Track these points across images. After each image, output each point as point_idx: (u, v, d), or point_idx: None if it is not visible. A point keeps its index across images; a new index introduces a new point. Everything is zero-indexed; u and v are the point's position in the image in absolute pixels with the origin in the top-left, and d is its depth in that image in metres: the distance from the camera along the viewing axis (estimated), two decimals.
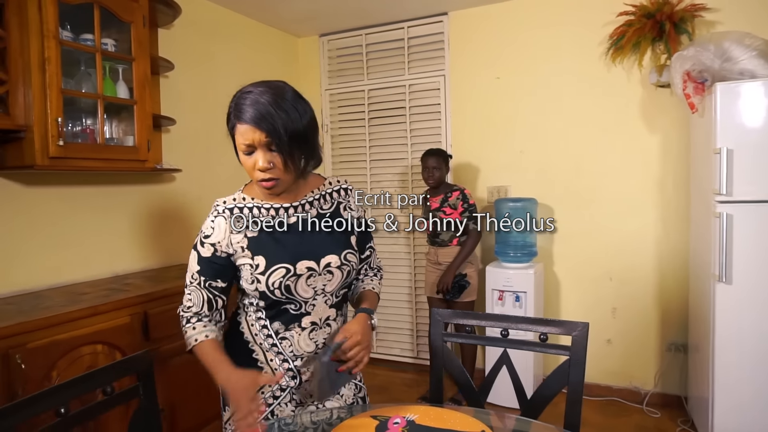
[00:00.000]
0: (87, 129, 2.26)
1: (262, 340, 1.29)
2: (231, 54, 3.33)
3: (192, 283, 1.25)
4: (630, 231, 3.07)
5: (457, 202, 2.98)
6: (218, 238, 1.23)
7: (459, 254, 2.97)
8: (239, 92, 1.16)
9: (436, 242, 3.09)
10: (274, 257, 1.22)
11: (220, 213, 1.25)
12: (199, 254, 1.24)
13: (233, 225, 1.24)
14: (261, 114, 1.11)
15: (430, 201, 3.09)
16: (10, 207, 2.18)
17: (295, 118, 1.14)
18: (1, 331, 1.68)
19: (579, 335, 1.33)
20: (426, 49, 3.58)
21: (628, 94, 3.02)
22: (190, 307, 1.25)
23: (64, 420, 0.98)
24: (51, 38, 1.99)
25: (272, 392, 1.31)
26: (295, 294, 1.24)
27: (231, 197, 1.28)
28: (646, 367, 3.08)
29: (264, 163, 1.14)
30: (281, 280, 1.21)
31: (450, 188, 3.04)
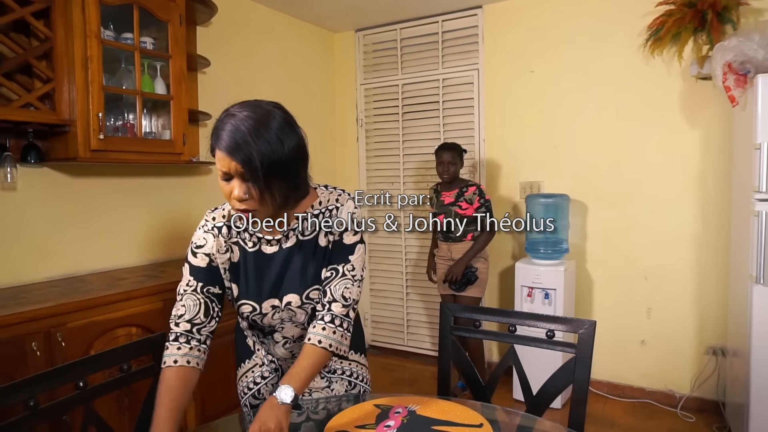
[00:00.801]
0: (127, 123, 2.39)
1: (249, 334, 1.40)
2: (268, 50, 3.42)
3: (186, 291, 1.20)
4: (667, 229, 2.97)
5: (474, 197, 2.93)
6: (210, 250, 1.22)
7: (473, 247, 2.93)
8: (224, 112, 1.09)
9: (449, 238, 3.03)
10: (245, 291, 1.24)
11: (210, 230, 1.24)
12: (191, 265, 1.22)
13: (219, 246, 1.23)
14: (237, 143, 1.02)
15: (442, 196, 3.02)
16: (57, 196, 2.33)
17: (276, 148, 1.05)
18: (44, 311, 1.82)
19: (586, 333, 1.32)
20: (460, 42, 3.56)
21: (667, 87, 2.91)
22: (182, 315, 1.18)
23: (81, 393, 1.06)
24: (93, 38, 2.11)
25: (261, 372, 1.41)
26: (262, 324, 1.29)
27: (223, 211, 1.26)
28: (683, 370, 2.97)
29: (239, 193, 1.06)
30: (249, 314, 1.26)
31: (465, 183, 2.99)
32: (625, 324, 3.11)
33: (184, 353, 1.15)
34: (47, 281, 2.28)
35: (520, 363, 1.42)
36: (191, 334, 1.17)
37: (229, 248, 1.23)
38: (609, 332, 3.16)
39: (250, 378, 1.42)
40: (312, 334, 1.18)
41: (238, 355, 1.45)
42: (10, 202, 2.18)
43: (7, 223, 2.18)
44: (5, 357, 1.69)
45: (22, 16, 1.99)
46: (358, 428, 1.18)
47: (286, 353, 1.35)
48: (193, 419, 2.29)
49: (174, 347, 1.15)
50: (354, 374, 1.45)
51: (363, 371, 1.47)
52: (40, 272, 2.29)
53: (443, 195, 3.01)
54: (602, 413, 2.95)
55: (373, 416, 1.24)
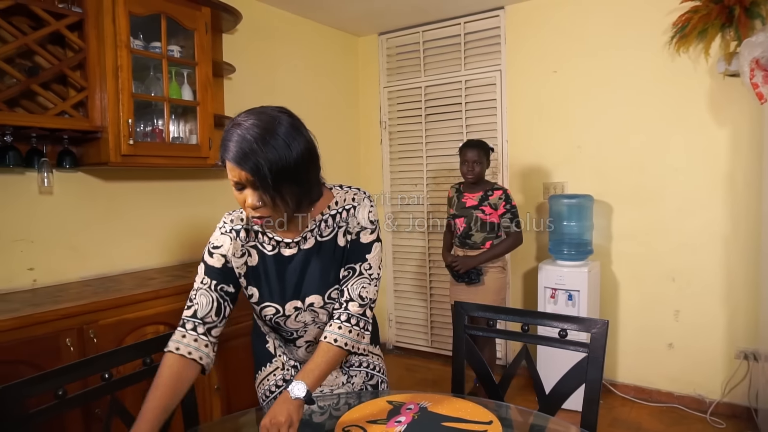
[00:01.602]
0: (156, 129, 2.48)
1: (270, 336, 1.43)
2: (292, 55, 3.49)
3: (200, 288, 1.20)
4: (695, 229, 2.90)
5: (499, 202, 2.75)
6: (226, 251, 1.24)
7: (494, 248, 2.75)
8: (231, 122, 1.09)
9: (467, 244, 2.81)
10: (266, 294, 1.24)
11: (227, 232, 1.25)
12: (206, 264, 1.23)
13: (235, 250, 1.23)
14: (244, 152, 1.03)
15: (464, 197, 2.83)
16: (90, 199, 2.44)
17: (284, 154, 1.05)
18: (78, 308, 1.91)
19: (598, 333, 1.32)
20: (482, 44, 3.56)
21: (694, 84, 2.85)
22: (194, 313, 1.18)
23: (107, 384, 1.12)
24: (123, 47, 2.20)
25: (282, 375, 1.42)
26: (284, 327, 1.30)
27: (241, 213, 1.26)
28: (712, 375, 2.90)
29: (252, 202, 1.08)
30: (271, 317, 1.27)
31: (491, 186, 2.80)
32: (651, 326, 3.06)
33: (187, 342, 1.15)
34: (82, 281, 2.39)
35: (532, 362, 1.42)
36: (197, 331, 1.17)
37: (247, 252, 1.24)
38: (635, 335, 3.11)
39: (272, 381, 1.43)
40: (328, 333, 1.20)
41: (256, 360, 1.46)
42: (48, 206, 2.30)
43: (46, 226, 2.29)
44: (41, 352, 1.78)
45: (57, 28, 2.10)
46: (369, 423, 1.21)
47: (308, 356, 1.36)
48: (218, 414, 2.36)
49: (179, 334, 1.16)
50: (371, 365, 1.48)
51: (380, 362, 1.50)
52: (76, 272, 2.40)
53: (465, 196, 2.84)
54: (628, 417, 2.91)
55: (385, 412, 1.27)
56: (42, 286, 2.27)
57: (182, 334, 1.16)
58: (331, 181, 1.31)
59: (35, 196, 2.26)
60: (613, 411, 2.98)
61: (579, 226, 3.03)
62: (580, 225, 3.03)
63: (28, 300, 2.02)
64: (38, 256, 2.27)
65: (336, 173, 3.88)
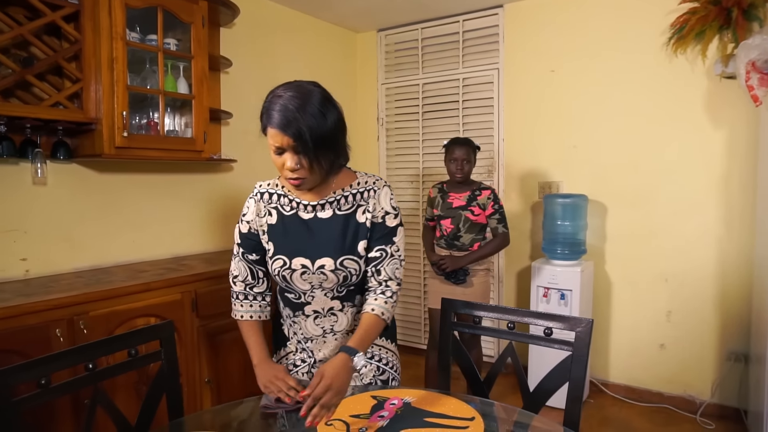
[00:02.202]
0: (151, 122, 2.48)
1: (285, 316, 1.49)
2: (290, 50, 3.49)
3: (236, 255, 1.44)
4: (689, 230, 2.91)
5: (488, 202, 2.66)
6: (251, 217, 1.41)
7: (484, 248, 2.67)
8: (271, 94, 1.24)
9: (455, 245, 2.70)
10: (279, 247, 1.37)
11: (253, 195, 1.43)
12: (239, 229, 1.43)
13: (259, 210, 1.41)
14: (288, 119, 1.18)
15: (450, 197, 2.72)
16: (85, 191, 2.45)
17: (321, 122, 1.21)
18: (69, 299, 1.91)
19: (582, 332, 1.32)
20: (480, 42, 3.56)
21: (691, 86, 2.85)
22: (237, 276, 1.43)
23: (91, 375, 1.13)
24: (119, 40, 2.20)
25: (294, 361, 1.48)
26: (292, 284, 1.38)
27: (270, 181, 1.45)
28: (703, 376, 2.91)
29: (292, 164, 1.23)
30: (279, 269, 1.37)
31: (478, 186, 2.71)
32: (644, 327, 3.07)
33: (246, 310, 1.42)
34: (75, 272, 2.39)
35: (517, 359, 1.43)
36: (248, 293, 1.43)
37: (268, 212, 1.40)
38: (627, 335, 3.12)
39: (289, 361, 1.51)
40: (375, 306, 1.33)
41: (275, 341, 1.56)
42: (42, 196, 2.30)
43: (40, 216, 2.30)
44: (31, 342, 1.79)
45: (53, 19, 2.10)
46: (352, 417, 1.22)
47: (317, 330, 1.42)
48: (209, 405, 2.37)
49: (238, 304, 1.43)
50: (383, 360, 1.49)
51: (393, 359, 1.51)
52: (69, 263, 2.41)
53: (451, 196, 2.72)
54: (618, 417, 2.92)
55: (369, 406, 1.28)
56: (34, 277, 2.27)
57: (240, 304, 1.43)
58: None
59: (29, 187, 2.26)
60: (603, 410, 2.99)
61: (573, 226, 3.04)
62: (574, 225, 3.04)
63: (20, 290, 2.03)
64: (31, 246, 2.27)
65: None
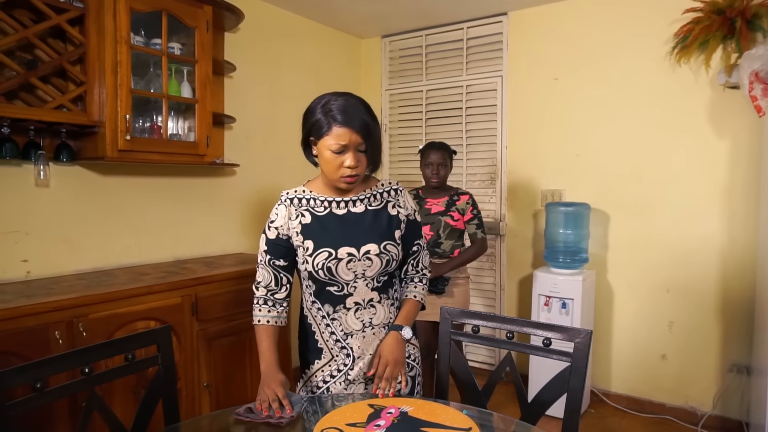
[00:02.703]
0: (155, 125, 2.49)
1: (319, 321, 1.46)
2: (295, 56, 3.50)
3: (261, 261, 1.45)
4: (692, 240, 2.89)
5: (467, 207, 2.62)
6: (280, 223, 1.43)
7: (461, 256, 2.62)
8: (327, 99, 1.35)
9: (435, 253, 2.63)
10: (321, 242, 1.40)
11: (283, 202, 1.45)
12: (266, 236, 1.44)
13: (290, 214, 1.43)
14: (361, 120, 1.31)
15: (428, 203, 2.67)
16: (88, 193, 2.45)
17: (377, 123, 1.37)
18: (68, 301, 1.91)
19: (581, 343, 1.31)
20: (484, 49, 3.56)
21: (694, 95, 2.84)
22: (260, 282, 1.45)
23: (87, 378, 1.13)
24: (123, 43, 2.22)
25: (330, 372, 1.46)
26: (336, 275, 1.40)
27: (295, 189, 1.47)
28: (705, 387, 2.89)
29: (353, 162, 1.33)
30: (324, 261, 1.38)
31: (455, 191, 2.67)
32: (645, 337, 3.05)
33: (264, 314, 1.44)
34: (77, 274, 2.40)
35: (516, 369, 1.42)
36: (268, 298, 1.45)
37: (300, 214, 1.43)
38: (629, 345, 3.10)
39: (319, 378, 1.47)
40: (416, 293, 1.53)
41: (304, 358, 1.52)
42: (44, 198, 2.31)
43: (42, 218, 2.30)
44: (30, 344, 1.79)
45: (58, 22, 2.11)
46: (348, 426, 1.21)
47: (357, 324, 1.44)
48: (207, 409, 2.36)
49: (257, 309, 1.45)
50: (411, 356, 1.53)
51: (415, 352, 1.56)
52: (71, 265, 2.41)
53: (429, 202, 2.66)
54: (619, 427, 2.90)
55: (365, 415, 1.27)
56: (36, 278, 2.28)
57: (259, 309, 1.45)
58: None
59: (32, 189, 2.27)
60: (604, 420, 2.97)
61: (575, 234, 3.03)
62: (576, 233, 3.03)
63: (21, 291, 2.03)
64: (33, 248, 2.28)
65: None
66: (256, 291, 1.46)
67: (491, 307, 3.58)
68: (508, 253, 3.51)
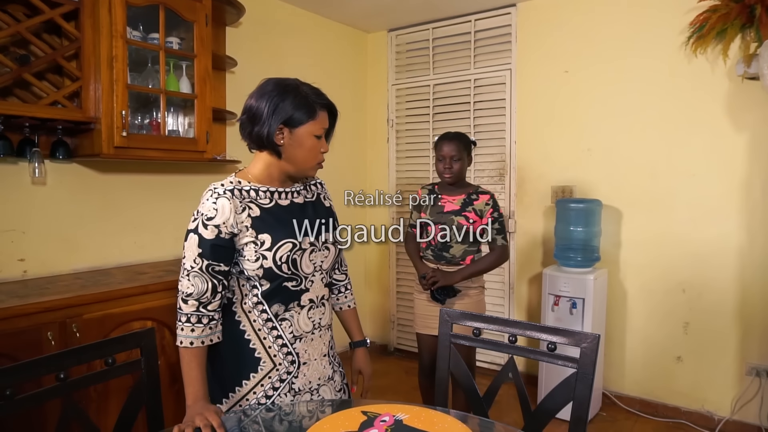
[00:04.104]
0: (153, 122, 2.44)
1: (260, 326, 1.31)
2: (298, 50, 3.43)
3: (193, 268, 1.23)
4: (708, 238, 2.78)
5: (486, 208, 2.29)
6: (223, 218, 1.25)
7: (480, 262, 2.32)
8: (295, 84, 1.30)
9: (443, 258, 2.32)
10: (280, 233, 1.30)
11: (222, 194, 1.27)
12: (201, 237, 1.23)
13: (236, 207, 1.26)
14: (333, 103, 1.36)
15: (442, 200, 2.36)
16: (85, 191, 2.41)
17: None
18: (62, 301, 1.87)
19: (588, 348, 1.23)
20: (492, 42, 3.47)
21: (711, 87, 2.73)
22: (190, 294, 1.23)
23: (63, 385, 1.07)
24: (119, 38, 2.17)
25: (272, 384, 1.33)
26: (299, 269, 1.32)
27: (227, 181, 1.32)
28: (722, 391, 2.78)
29: (327, 146, 1.35)
30: (288, 254, 1.29)
31: (474, 189, 2.35)
32: (660, 338, 2.94)
33: (197, 335, 1.24)
34: (74, 273, 2.36)
35: (519, 375, 1.34)
36: (202, 314, 1.25)
37: (247, 207, 1.29)
38: (642, 346, 3.00)
39: (260, 393, 1.32)
40: (352, 301, 1.61)
41: (237, 373, 1.32)
42: (41, 197, 2.27)
43: (39, 217, 2.27)
44: (21, 345, 1.74)
45: (52, 17, 2.07)
46: None
47: (308, 325, 1.37)
48: None
49: (189, 329, 1.24)
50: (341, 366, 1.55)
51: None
52: (68, 264, 2.37)
53: (444, 199, 2.36)
54: (632, 431, 2.80)
55: (358, 423, 1.20)
56: (32, 278, 2.24)
57: (191, 329, 1.24)
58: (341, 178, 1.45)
59: (28, 187, 2.23)
60: (616, 424, 2.88)
61: (586, 232, 2.93)
62: (587, 231, 2.93)
63: (15, 291, 2.00)
64: (29, 246, 2.25)
65: (342, 171, 3.82)
66: (184, 306, 1.24)
67: (500, 306, 3.49)
68: (517, 251, 3.42)
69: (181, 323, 1.24)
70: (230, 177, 1.34)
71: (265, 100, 1.27)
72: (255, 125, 1.29)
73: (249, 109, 1.30)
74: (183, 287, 1.24)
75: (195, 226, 1.25)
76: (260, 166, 1.34)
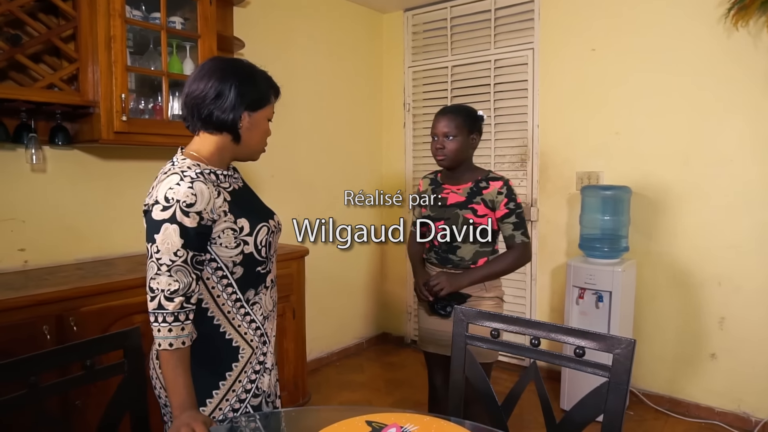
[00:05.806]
0: (156, 106, 2.34)
1: (234, 314, 1.26)
2: (310, 31, 3.30)
3: (174, 262, 1.11)
4: (746, 228, 2.59)
5: (498, 198, 1.83)
6: (203, 204, 1.16)
7: (492, 264, 1.87)
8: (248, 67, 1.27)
9: (450, 261, 1.89)
10: (254, 218, 1.27)
11: (196, 178, 1.16)
12: (182, 226, 1.12)
13: (212, 191, 1.19)
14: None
15: (445, 191, 1.92)
16: (87, 178, 2.33)
17: None
18: (58, 294, 1.79)
19: (622, 354, 1.09)
20: (514, 20, 3.28)
21: (753, 64, 2.51)
22: (176, 290, 1.11)
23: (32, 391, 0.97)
24: (117, 17, 2.05)
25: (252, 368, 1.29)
26: (270, 251, 1.31)
27: (188, 163, 1.20)
28: (760, 391, 2.60)
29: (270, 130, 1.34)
30: (266, 237, 1.28)
31: (484, 175, 1.89)
32: (692, 334, 2.77)
33: (187, 333, 1.14)
34: (76, 263, 2.28)
35: (542, 384, 1.20)
36: (187, 309, 1.15)
37: (220, 191, 1.23)
38: (673, 342, 2.83)
39: (245, 380, 1.27)
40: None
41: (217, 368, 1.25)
42: (41, 184, 2.19)
43: (39, 205, 2.19)
44: (15, 340, 1.67)
45: None
46: None
47: (271, 303, 1.36)
48: None
49: (178, 328, 1.13)
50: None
51: None
52: (71, 254, 2.30)
53: (446, 189, 1.92)
54: (661, 431, 2.65)
55: None
56: (33, 268, 2.17)
57: (168, 328, 1.12)
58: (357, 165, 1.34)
59: (27, 174, 2.15)
60: (644, 424, 2.72)
61: (614, 221, 2.76)
62: (615, 219, 2.76)
63: (13, 282, 1.93)
64: (30, 236, 2.17)
65: (357, 157, 3.69)
66: (169, 304, 1.11)
67: (521, 299, 3.34)
68: (540, 240, 3.26)
69: (167, 323, 1.12)
70: (185, 160, 1.21)
71: (228, 82, 1.20)
72: (216, 108, 1.20)
73: (208, 90, 1.20)
74: (162, 285, 1.11)
75: (170, 215, 1.12)
76: (211, 149, 1.25)
